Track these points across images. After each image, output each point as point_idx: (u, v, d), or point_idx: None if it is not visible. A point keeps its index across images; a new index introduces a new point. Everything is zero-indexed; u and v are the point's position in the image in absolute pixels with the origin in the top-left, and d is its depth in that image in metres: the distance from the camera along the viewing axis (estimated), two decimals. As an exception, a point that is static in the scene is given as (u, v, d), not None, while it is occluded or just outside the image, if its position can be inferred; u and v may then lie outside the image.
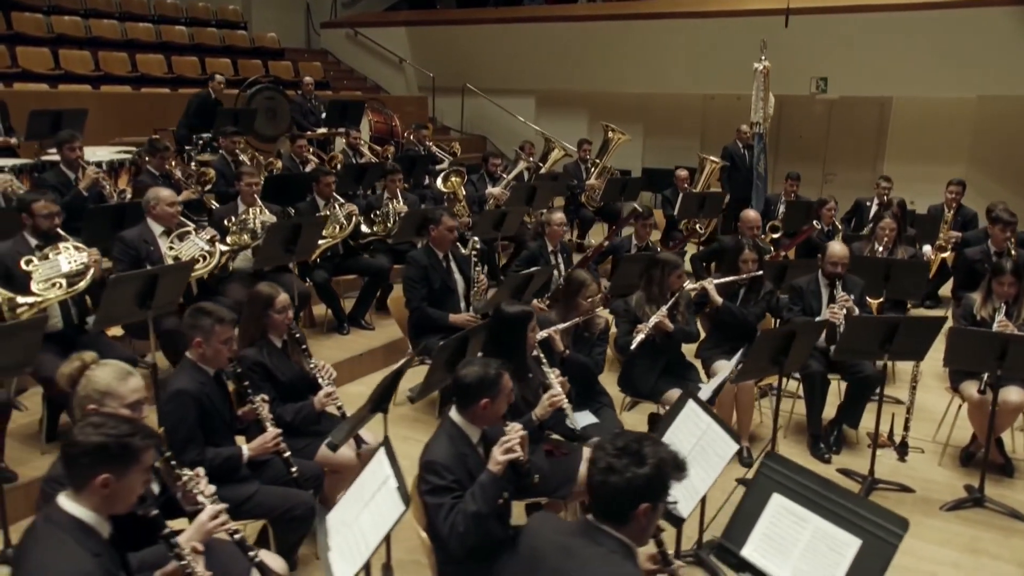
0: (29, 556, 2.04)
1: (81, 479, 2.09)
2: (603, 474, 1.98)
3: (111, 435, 2.10)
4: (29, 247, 4.53)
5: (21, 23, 10.73)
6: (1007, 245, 5.99)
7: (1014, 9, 9.86)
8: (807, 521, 2.46)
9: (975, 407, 4.59)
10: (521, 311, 3.59)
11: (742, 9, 11.46)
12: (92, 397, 2.55)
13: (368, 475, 2.70)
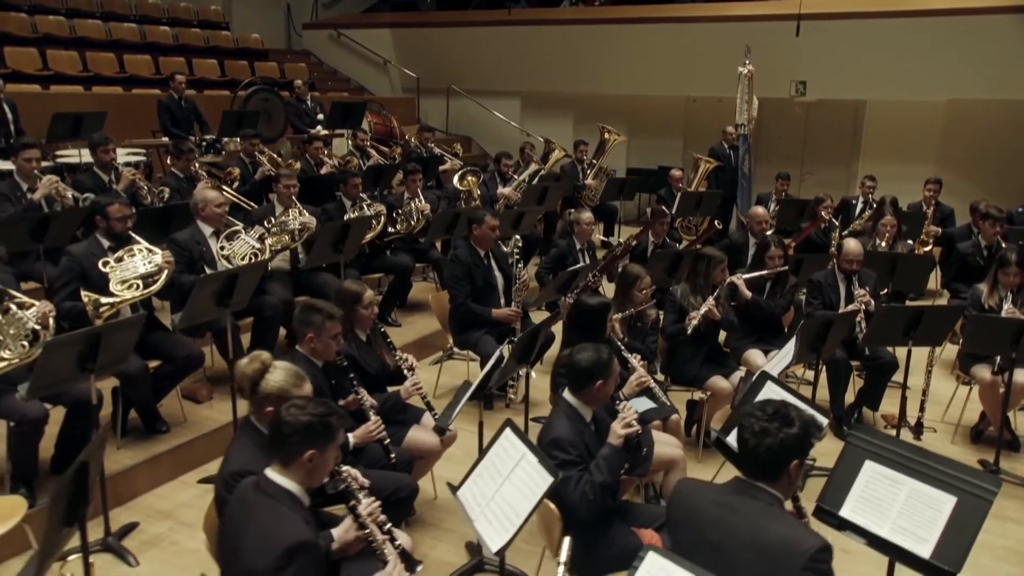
0: (251, 523, 2.26)
1: (290, 455, 2.32)
2: (757, 437, 2.27)
3: (315, 415, 2.34)
4: (103, 249, 4.67)
5: (6, 23, 10.64)
6: (997, 239, 6.47)
7: (981, 18, 10.44)
8: (902, 483, 2.77)
9: (987, 388, 5.01)
10: (601, 303, 3.89)
11: (723, 15, 11.87)
12: (271, 399, 2.75)
13: (498, 453, 2.94)
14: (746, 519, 2.25)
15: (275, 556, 2.16)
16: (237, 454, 2.76)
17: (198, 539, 4.09)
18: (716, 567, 2.05)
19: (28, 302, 4.01)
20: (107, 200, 4.76)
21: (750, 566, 2.16)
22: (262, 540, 2.20)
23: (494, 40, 13.62)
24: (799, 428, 2.27)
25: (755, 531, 2.22)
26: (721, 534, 2.26)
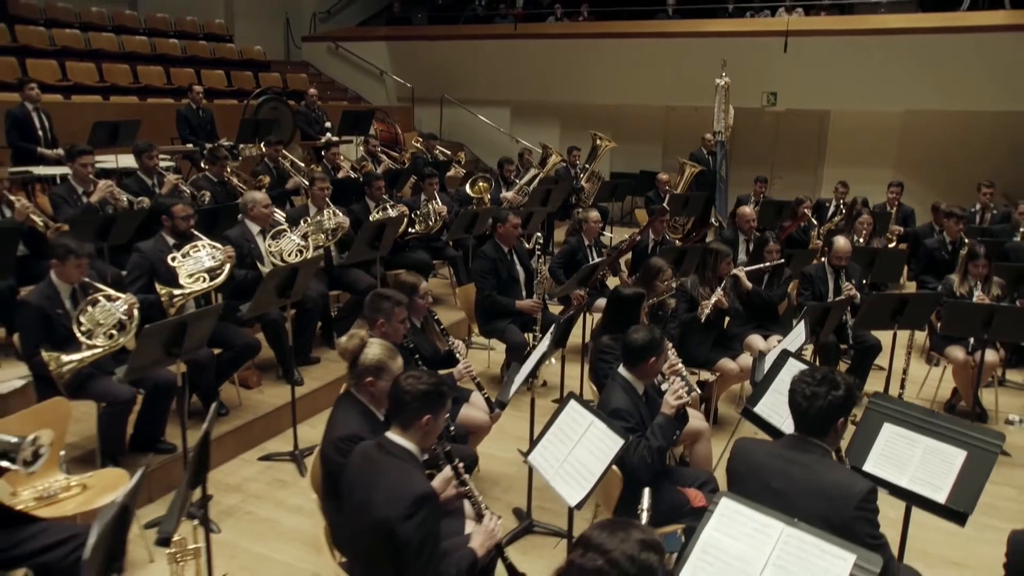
0: (380, 478, 2.47)
1: (409, 419, 2.54)
2: (809, 400, 2.54)
3: (431, 384, 2.55)
4: (168, 246, 4.83)
5: (26, 36, 10.62)
6: (960, 235, 6.85)
7: (933, 37, 10.90)
8: (917, 442, 3.06)
9: (960, 367, 5.37)
10: (636, 292, 4.13)
11: (700, 31, 12.21)
12: (369, 371, 2.96)
13: (566, 421, 3.17)
14: (804, 468, 2.51)
15: (406, 505, 2.37)
16: (343, 422, 2.96)
17: (268, 508, 4.34)
18: (781, 510, 2.30)
19: (115, 295, 4.18)
20: (172, 201, 4.92)
21: (811, 507, 2.41)
22: (392, 492, 2.41)
23: (484, 52, 13.83)
24: (844, 391, 2.54)
25: (813, 478, 2.48)
26: (783, 482, 2.52)
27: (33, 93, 7.42)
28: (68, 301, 4.15)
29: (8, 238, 4.61)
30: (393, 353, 3.05)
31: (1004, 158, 11.11)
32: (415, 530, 2.36)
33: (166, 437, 4.48)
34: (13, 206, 5.25)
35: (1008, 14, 11.04)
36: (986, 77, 10.68)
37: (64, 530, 3.07)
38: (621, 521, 1.74)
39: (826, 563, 2.23)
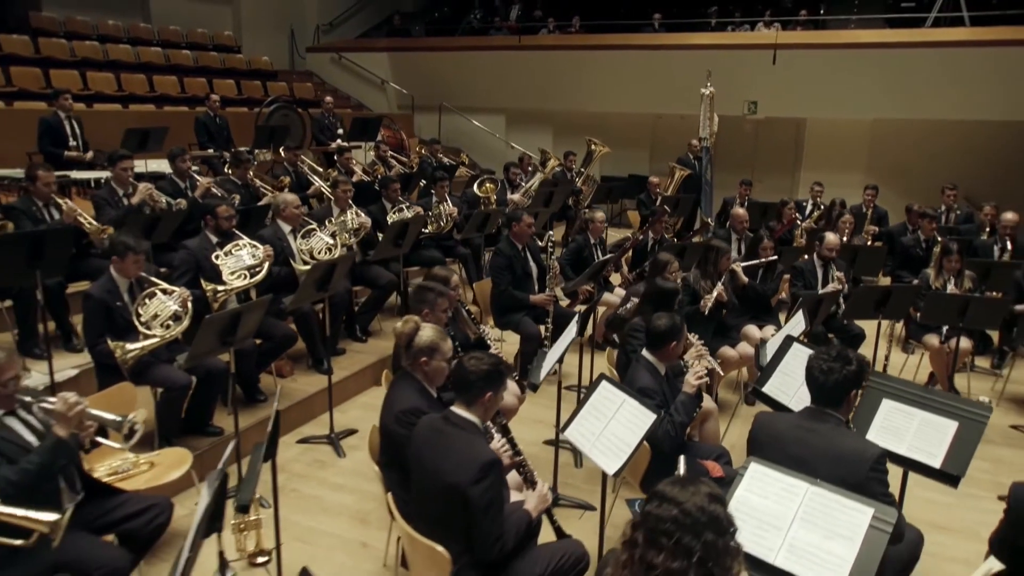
0: (450, 448, 2.64)
1: (474, 396, 2.71)
2: (825, 374, 2.74)
3: (492, 364, 2.72)
4: (212, 244, 4.95)
5: (49, 48, 10.64)
6: (933, 234, 7.12)
7: (900, 51, 11.19)
8: (913, 415, 3.27)
9: (936, 353, 5.62)
10: (674, 287, 4.32)
11: (686, 43, 12.43)
12: (423, 350, 3.12)
13: (599, 400, 3.35)
14: (821, 436, 2.71)
15: (475, 471, 2.54)
16: (402, 397, 3.13)
17: (312, 486, 4.48)
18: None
19: (170, 288, 4.31)
20: (216, 202, 5.05)
21: (828, 470, 2.60)
22: (462, 460, 2.58)
23: (480, 63, 13.94)
24: (856, 366, 2.74)
25: (830, 444, 2.68)
26: (802, 449, 2.72)
27: (67, 103, 7.50)
28: (126, 295, 4.28)
29: (63, 238, 4.70)
30: (443, 335, 3.22)
31: (964, 163, 11.41)
32: (483, 493, 2.53)
33: (213, 421, 4.61)
34: (61, 208, 5.34)
35: (968, 31, 11.38)
36: (948, 89, 10.95)
37: (143, 501, 3.22)
38: (690, 478, 1.92)
39: (848, 516, 2.43)
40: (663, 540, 1.75)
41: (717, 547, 1.76)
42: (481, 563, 2.61)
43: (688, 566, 1.74)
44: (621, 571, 1.84)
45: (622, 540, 1.89)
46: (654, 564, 1.74)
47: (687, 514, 1.78)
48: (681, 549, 1.74)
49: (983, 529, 4.07)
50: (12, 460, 2.76)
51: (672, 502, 1.80)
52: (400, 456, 3.09)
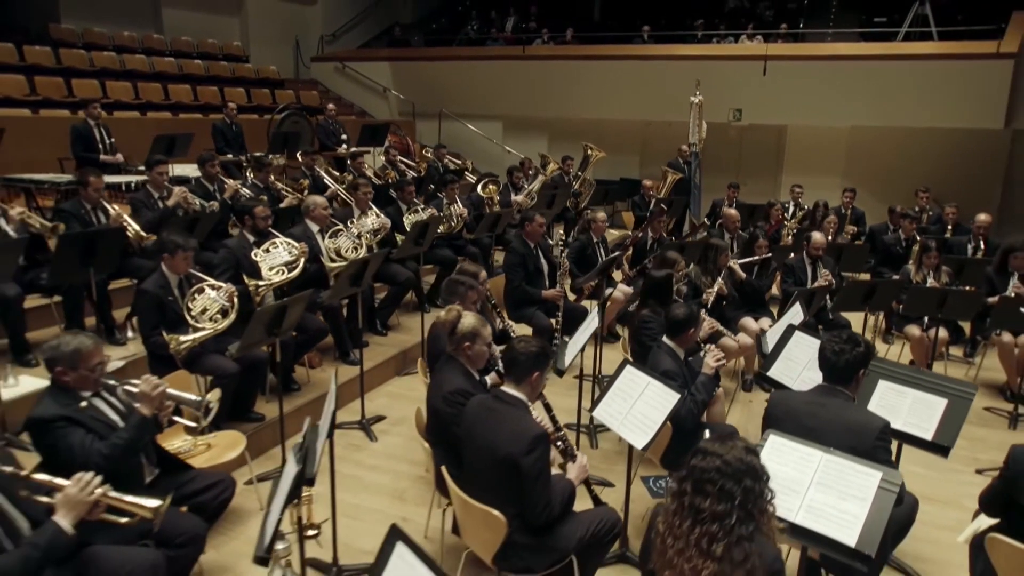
0: (502, 423, 2.82)
1: (522, 375, 2.89)
2: (837, 355, 2.95)
3: (539, 347, 2.92)
4: (249, 242, 5.10)
5: (70, 58, 10.71)
6: (913, 233, 7.39)
7: (875, 63, 11.48)
8: (906, 393, 3.50)
9: (917, 342, 5.87)
10: (666, 274, 4.53)
11: (674, 54, 12.66)
12: (466, 336, 3.31)
13: (624, 382, 3.54)
14: (832, 410, 2.93)
15: (526, 443, 2.73)
16: (448, 379, 3.31)
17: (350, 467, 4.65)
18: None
19: (218, 284, 4.46)
20: (253, 203, 5.20)
21: (839, 440, 2.81)
22: (514, 433, 2.77)
23: (478, 71, 14.10)
24: (864, 348, 2.96)
25: (840, 417, 2.90)
26: (814, 421, 2.93)
27: (96, 111, 7.61)
28: (176, 290, 4.43)
29: (114, 238, 4.84)
30: (483, 322, 3.41)
31: (934, 168, 11.71)
32: (534, 463, 2.72)
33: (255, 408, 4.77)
34: (109, 213, 5.47)
35: (936, 45, 11.68)
36: (918, 98, 11.23)
37: (210, 477, 3.39)
38: (727, 436, 2.14)
39: (859, 479, 2.64)
40: (708, 487, 1.97)
41: (754, 491, 1.99)
42: (531, 526, 2.80)
43: (731, 508, 1.96)
44: (672, 518, 2.05)
45: (669, 493, 2.11)
46: (702, 508, 1.97)
47: (728, 464, 2.00)
48: (724, 494, 1.97)
49: (964, 499, 4.33)
50: (102, 437, 2.92)
51: (715, 455, 2.03)
52: (448, 434, 3.28)
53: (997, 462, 4.48)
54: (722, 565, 1.98)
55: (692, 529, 2.02)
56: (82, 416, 2.94)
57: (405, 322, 6.90)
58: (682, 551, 2.01)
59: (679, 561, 2.00)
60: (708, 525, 2.00)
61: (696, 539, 2.01)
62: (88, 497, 2.41)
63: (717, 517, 1.99)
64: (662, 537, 2.05)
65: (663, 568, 2.07)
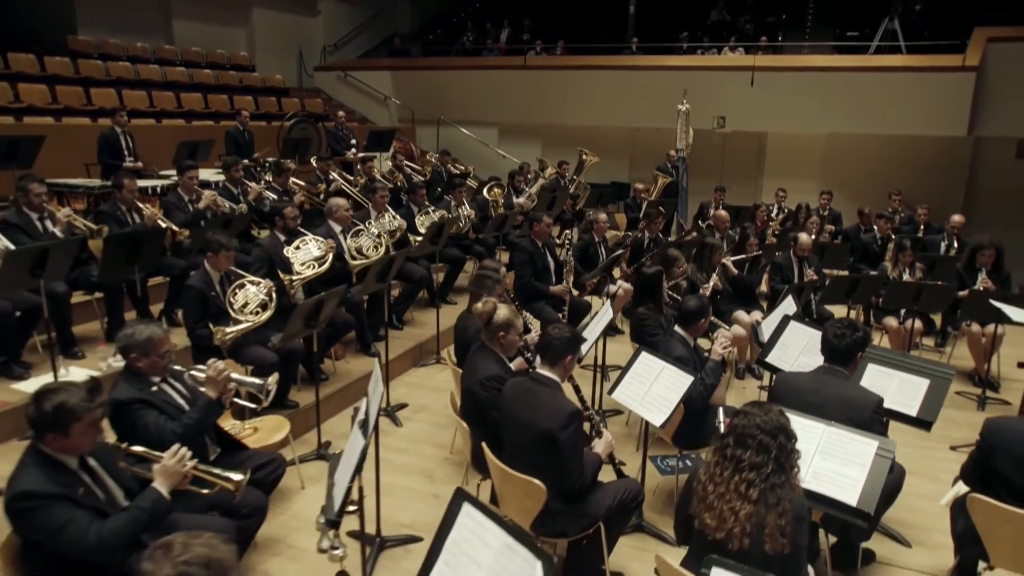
0: (539, 400, 3.02)
1: (556, 358, 3.09)
2: (838, 339, 3.18)
3: (572, 333, 3.12)
4: (280, 241, 5.27)
5: (88, 68, 10.77)
6: (888, 232, 7.68)
7: (850, 74, 11.80)
8: (893, 375, 3.74)
9: (894, 333, 6.13)
10: (657, 271, 4.74)
11: (661, 65, 12.91)
12: (501, 326, 3.50)
13: (641, 367, 3.76)
14: (832, 387, 3.16)
15: (563, 418, 2.93)
16: (483, 366, 3.51)
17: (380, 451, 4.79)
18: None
19: (257, 280, 4.62)
20: (283, 204, 5.37)
21: (839, 414, 3.04)
22: (551, 409, 2.96)
23: (475, 80, 14.29)
24: (862, 333, 3.20)
25: (840, 393, 3.13)
26: (817, 397, 3.15)
27: (122, 119, 7.72)
28: (218, 286, 4.58)
29: (156, 238, 4.98)
30: (516, 314, 3.60)
31: (904, 172, 12.07)
32: (570, 437, 2.92)
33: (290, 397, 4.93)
34: (143, 213, 5.61)
35: (904, 58, 12.03)
36: (888, 107, 11.56)
37: (264, 456, 3.55)
38: (761, 403, 2.38)
39: (858, 447, 2.88)
40: (749, 441, 2.22)
41: (787, 448, 2.23)
42: (565, 495, 3.01)
43: (767, 459, 2.21)
44: (713, 469, 2.29)
45: (713, 448, 2.34)
46: (742, 459, 2.21)
47: (767, 423, 2.26)
48: (762, 448, 2.21)
49: (940, 473, 4.59)
50: (172, 418, 3.08)
51: (755, 415, 2.29)
52: (483, 414, 3.47)
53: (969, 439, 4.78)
54: (757, 507, 2.22)
55: (732, 476, 2.27)
56: (155, 398, 3.10)
57: (419, 317, 7.08)
58: (723, 495, 2.26)
59: (719, 504, 2.24)
60: (747, 473, 2.24)
61: (735, 485, 2.25)
62: (182, 468, 2.58)
63: (755, 467, 2.24)
64: (703, 485, 2.29)
65: (704, 511, 2.30)
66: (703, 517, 2.32)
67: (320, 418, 4.81)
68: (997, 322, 5.60)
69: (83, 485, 2.50)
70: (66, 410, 2.41)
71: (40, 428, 2.45)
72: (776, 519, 2.20)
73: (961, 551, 3.15)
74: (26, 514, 2.35)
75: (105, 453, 2.65)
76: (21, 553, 2.45)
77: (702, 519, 2.32)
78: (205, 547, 1.66)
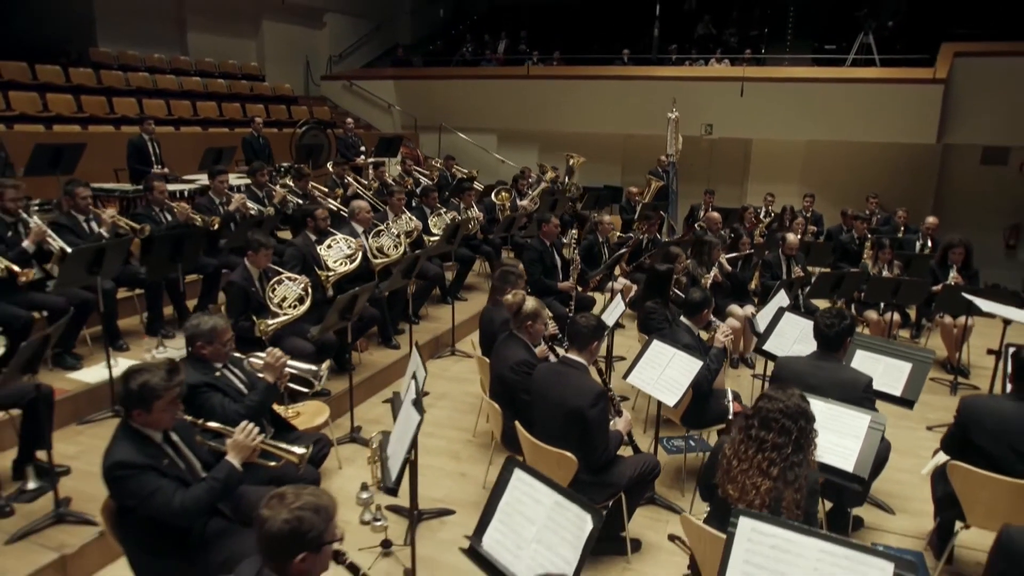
0: (568, 381, 3.23)
1: (583, 344, 3.31)
2: (829, 327, 3.41)
3: (597, 320, 3.33)
4: (311, 241, 5.45)
5: (109, 79, 10.87)
6: (865, 232, 7.96)
7: (828, 85, 12.10)
8: (879, 360, 3.98)
9: (874, 324, 6.39)
10: (668, 268, 4.97)
11: (651, 75, 13.16)
12: (529, 316, 3.71)
13: (654, 354, 3.97)
14: (828, 371, 3.40)
15: (591, 397, 3.14)
16: (513, 353, 3.72)
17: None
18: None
19: (294, 276, 4.80)
20: (314, 207, 5.55)
21: (835, 393, 3.26)
22: (580, 389, 3.18)
23: (474, 89, 14.46)
24: (850, 321, 3.44)
25: (835, 375, 3.37)
26: (815, 380, 3.38)
27: (150, 127, 7.86)
28: (258, 282, 4.76)
29: (197, 238, 5.15)
30: (542, 304, 3.81)
31: (878, 176, 12.36)
32: (597, 414, 3.14)
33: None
34: (174, 211, 5.77)
35: (878, 70, 12.33)
36: (863, 116, 11.86)
37: (311, 437, 3.73)
38: (784, 386, 2.56)
39: (853, 421, 3.11)
40: (772, 424, 2.41)
41: (807, 431, 2.43)
42: (592, 467, 3.22)
43: (788, 442, 2.40)
44: (738, 446, 2.49)
45: (738, 429, 2.54)
46: (765, 439, 2.40)
47: (788, 408, 2.44)
48: (784, 430, 2.40)
49: (919, 450, 4.85)
50: (235, 400, 3.27)
51: (779, 400, 2.47)
52: (513, 396, 3.68)
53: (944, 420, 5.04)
54: (776, 483, 2.41)
55: (755, 455, 2.45)
56: (219, 382, 3.29)
57: (433, 312, 7.26)
58: (746, 471, 2.45)
59: (742, 478, 2.44)
60: (769, 452, 2.43)
61: (758, 463, 2.44)
62: (252, 442, 2.77)
63: (776, 447, 2.43)
64: (728, 459, 2.49)
65: (727, 483, 2.50)
66: (726, 487, 2.51)
67: (347, 405, 5.02)
68: (967, 314, 5.87)
69: (167, 457, 2.68)
70: (149, 388, 2.59)
71: (128, 404, 2.63)
72: (793, 494, 2.40)
73: (940, 513, 3.39)
74: (120, 482, 2.54)
75: (184, 428, 2.84)
76: (118, 516, 2.63)
77: (725, 489, 2.52)
78: (312, 496, 1.87)
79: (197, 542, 2.69)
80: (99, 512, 2.72)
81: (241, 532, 2.80)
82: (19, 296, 4.47)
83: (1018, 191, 12.47)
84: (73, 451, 4.12)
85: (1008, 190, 12.50)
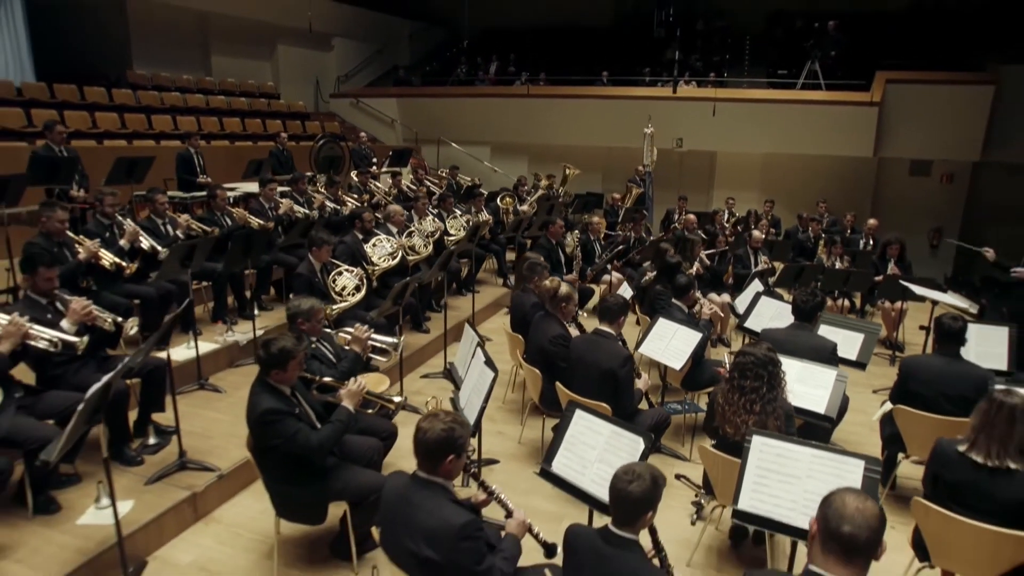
0: (602, 348, 3.73)
1: (613, 318, 3.81)
2: (804, 303, 3.99)
3: (624, 300, 3.84)
4: (358, 240, 5.87)
5: (146, 98, 11.09)
6: (819, 232, 8.60)
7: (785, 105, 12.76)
8: (839, 332, 4.54)
9: (828, 310, 7.01)
10: (678, 260, 5.50)
11: (629, 95, 13.71)
12: (563, 298, 4.20)
13: (660, 328, 4.50)
14: (804, 338, 3.95)
15: (621, 360, 3.65)
16: (550, 328, 4.20)
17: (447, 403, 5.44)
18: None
19: (350, 269, 5.23)
20: (363, 210, 5.97)
21: (808, 355, 3.80)
22: (612, 354, 3.68)
23: (470, 106, 14.85)
24: (820, 298, 4.00)
25: (808, 342, 3.92)
26: (792, 346, 3.92)
27: (196, 141, 8.17)
28: (319, 274, 5.18)
29: (263, 237, 5.54)
30: (573, 289, 4.31)
31: (825, 185, 13.08)
32: (627, 374, 3.65)
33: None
34: (232, 215, 6.15)
35: (824, 93, 12.95)
36: (811, 133, 12.54)
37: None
38: (754, 343, 3.10)
39: (823, 375, 3.66)
40: (748, 372, 2.95)
41: (775, 374, 2.97)
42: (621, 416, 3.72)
43: (762, 384, 2.94)
44: (727, 393, 3.02)
45: (725, 379, 3.06)
46: (745, 385, 2.94)
47: (758, 358, 2.98)
48: (758, 376, 2.94)
49: (867, 407, 5.43)
50: (328, 367, 3.71)
51: (751, 354, 3.00)
52: (550, 364, 4.17)
53: (886, 385, 5.62)
54: (760, 416, 2.95)
55: (740, 399, 2.99)
56: (316, 352, 3.73)
57: (451, 302, 7.68)
58: (736, 412, 2.99)
59: (734, 418, 2.98)
60: (750, 395, 2.97)
61: (743, 403, 2.97)
62: (361, 391, 3.23)
63: (754, 389, 2.96)
64: (720, 405, 3.02)
65: (724, 423, 3.04)
66: (724, 427, 3.05)
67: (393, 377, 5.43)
68: (903, 299, 6.50)
69: (299, 406, 3.13)
70: (286, 351, 3.04)
71: (267, 365, 3.07)
72: (773, 422, 2.95)
73: (887, 448, 3.97)
74: (270, 425, 2.98)
75: (301, 386, 3.28)
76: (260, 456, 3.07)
77: (723, 428, 3.06)
78: (456, 415, 2.34)
79: (320, 473, 3.14)
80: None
81: (349, 467, 3.26)
82: (119, 287, 4.84)
83: (939, 199, 13.34)
84: (171, 417, 4.50)
85: (931, 198, 13.35)
